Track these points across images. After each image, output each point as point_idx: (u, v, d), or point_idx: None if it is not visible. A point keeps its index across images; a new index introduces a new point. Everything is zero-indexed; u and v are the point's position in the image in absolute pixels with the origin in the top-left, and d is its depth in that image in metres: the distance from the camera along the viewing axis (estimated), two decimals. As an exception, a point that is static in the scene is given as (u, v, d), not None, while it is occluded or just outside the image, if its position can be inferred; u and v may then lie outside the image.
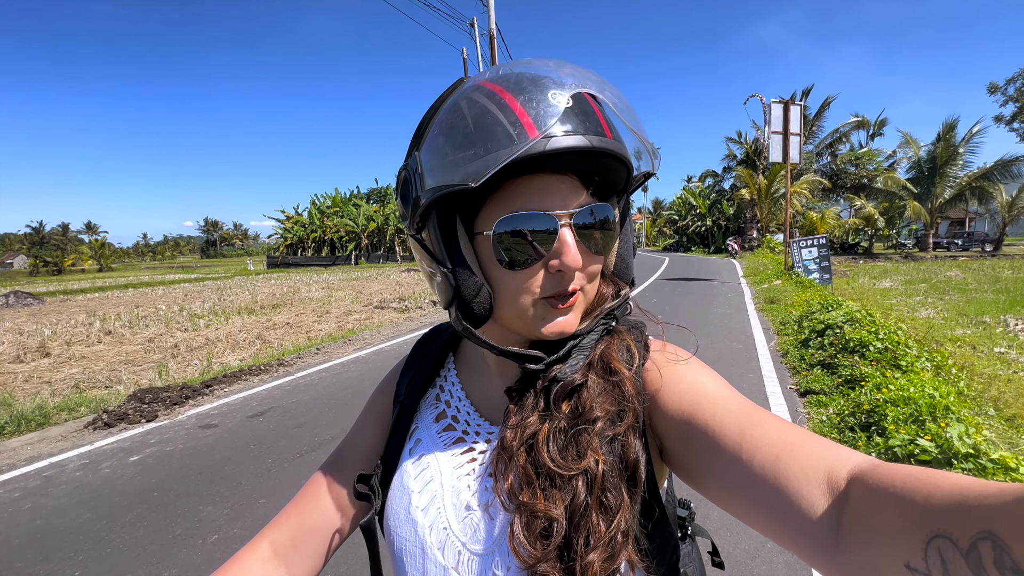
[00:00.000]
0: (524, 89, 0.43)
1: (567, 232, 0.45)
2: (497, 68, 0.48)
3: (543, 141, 0.41)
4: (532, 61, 0.48)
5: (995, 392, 4.06)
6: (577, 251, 0.45)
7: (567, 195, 0.46)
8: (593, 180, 0.48)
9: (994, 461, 2.53)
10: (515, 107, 0.42)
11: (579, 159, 0.45)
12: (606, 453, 0.44)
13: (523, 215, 0.44)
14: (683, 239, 39.04)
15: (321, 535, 0.54)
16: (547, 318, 0.47)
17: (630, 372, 0.48)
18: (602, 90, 0.46)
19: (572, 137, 0.41)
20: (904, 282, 12.27)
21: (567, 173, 0.46)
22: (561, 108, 0.42)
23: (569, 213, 0.45)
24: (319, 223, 42.03)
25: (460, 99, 0.45)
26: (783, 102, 12.09)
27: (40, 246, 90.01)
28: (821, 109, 28.44)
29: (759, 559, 2.15)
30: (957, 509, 0.25)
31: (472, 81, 0.47)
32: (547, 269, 0.46)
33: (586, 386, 0.47)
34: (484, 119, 0.42)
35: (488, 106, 0.43)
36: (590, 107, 0.44)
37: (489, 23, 13.77)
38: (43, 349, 7.77)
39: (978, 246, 26.92)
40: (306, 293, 15.04)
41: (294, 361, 6.35)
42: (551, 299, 0.46)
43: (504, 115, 0.42)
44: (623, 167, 0.47)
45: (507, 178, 0.45)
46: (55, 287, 26.63)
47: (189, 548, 2.44)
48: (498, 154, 0.41)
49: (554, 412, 0.46)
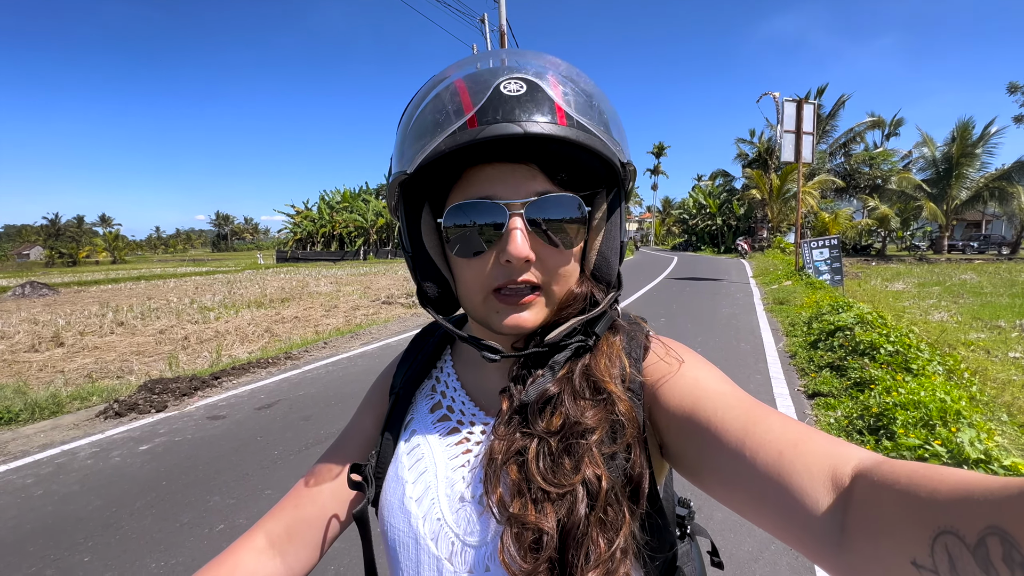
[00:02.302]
0: (479, 79, 0.43)
1: (515, 221, 0.44)
2: (475, 59, 0.48)
3: (476, 130, 0.41)
4: (504, 51, 0.48)
5: (1008, 397, 3.99)
6: (524, 242, 0.43)
7: (522, 183, 0.44)
8: (559, 170, 0.46)
9: (1006, 468, 2.49)
10: (464, 97, 0.42)
11: (541, 147, 0.43)
12: (608, 469, 0.43)
13: (471, 203, 0.44)
14: (692, 238, 38.80)
15: (316, 526, 0.53)
16: (501, 311, 0.46)
17: (622, 386, 0.47)
18: (562, 80, 0.45)
19: (502, 125, 0.40)
20: (917, 284, 12.09)
21: (526, 162, 0.45)
22: (505, 96, 0.41)
23: (521, 202, 0.44)
24: (328, 218, 42.28)
25: (425, 90, 0.47)
26: (796, 100, 11.94)
27: (56, 238, 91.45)
28: (835, 108, 28.04)
29: (762, 561, 2.14)
30: (963, 504, 0.25)
31: (444, 73, 0.48)
32: (498, 259, 0.45)
33: (564, 401, 0.45)
34: (436, 108, 0.44)
35: (443, 96, 0.44)
36: (544, 95, 0.42)
37: (500, 19, 13.73)
38: (57, 339, 7.91)
39: (994, 249, 26.45)
40: (314, 287, 15.15)
41: (302, 355, 6.40)
42: (503, 292, 0.46)
43: (452, 105, 0.43)
44: (597, 158, 0.45)
45: (467, 166, 0.45)
46: (70, 278, 27.06)
47: (196, 536, 2.47)
48: (436, 143, 0.42)
49: (536, 429, 0.45)
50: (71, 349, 7.37)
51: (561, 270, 0.47)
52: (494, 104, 0.41)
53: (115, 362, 6.51)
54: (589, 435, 0.44)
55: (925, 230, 28.44)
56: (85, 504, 2.84)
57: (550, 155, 0.44)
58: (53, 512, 2.77)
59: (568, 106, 0.43)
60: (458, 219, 0.45)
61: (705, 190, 38.55)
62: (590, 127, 0.43)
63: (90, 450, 3.62)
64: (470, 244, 0.45)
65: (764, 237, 28.35)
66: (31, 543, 2.48)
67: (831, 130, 28.60)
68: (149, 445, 3.65)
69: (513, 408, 0.46)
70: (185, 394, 4.76)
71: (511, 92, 0.42)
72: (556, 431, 0.44)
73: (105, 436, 3.87)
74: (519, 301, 0.45)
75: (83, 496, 2.94)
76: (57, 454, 3.58)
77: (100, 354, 7.03)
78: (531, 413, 0.45)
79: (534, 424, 0.45)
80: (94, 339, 8.05)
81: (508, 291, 0.46)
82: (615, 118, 0.48)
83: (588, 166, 0.46)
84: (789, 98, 12.08)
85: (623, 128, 0.49)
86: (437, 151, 0.41)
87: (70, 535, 2.53)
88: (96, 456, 3.51)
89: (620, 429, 0.45)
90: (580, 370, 0.47)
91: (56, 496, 2.95)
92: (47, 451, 3.64)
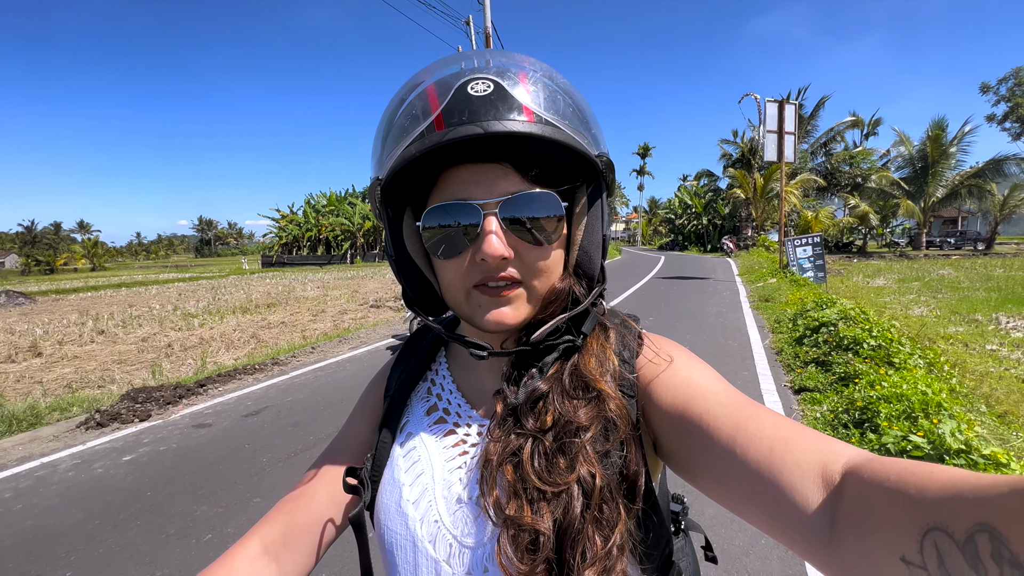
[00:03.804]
0: (446, 83, 0.44)
1: (490, 221, 0.44)
2: (447, 62, 0.48)
3: (441, 133, 0.41)
4: (475, 52, 0.48)
5: (987, 389, 4.10)
6: (499, 240, 0.44)
7: (495, 183, 0.45)
8: (532, 167, 0.45)
9: (985, 457, 2.55)
10: (432, 101, 0.43)
11: (511, 145, 0.44)
12: (604, 467, 0.43)
13: (447, 205, 0.45)
14: (679, 238, 39.17)
15: (312, 531, 0.53)
16: (483, 307, 0.46)
17: (614, 385, 0.47)
18: (531, 78, 0.45)
19: (466, 127, 0.41)
20: (897, 280, 12.36)
21: (499, 161, 0.45)
22: (472, 97, 0.42)
23: (495, 201, 0.44)
24: (314, 222, 41.82)
25: (398, 95, 0.47)
26: (778, 101, 12.14)
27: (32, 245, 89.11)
28: (816, 108, 28.56)
29: (753, 555, 2.16)
30: (952, 502, 0.25)
31: (417, 77, 0.48)
32: (475, 259, 0.45)
33: (554, 400, 0.46)
34: (407, 114, 0.44)
35: (414, 102, 0.45)
36: (510, 94, 0.43)
37: (485, 21, 13.73)
38: (35, 349, 7.70)
39: (970, 244, 27.16)
40: (301, 292, 14.98)
41: (289, 360, 6.32)
42: (484, 287, 0.46)
43: (421, 110, 0.43)
44: (570, 153, 0.44)
45: (443, 168, 0.46)
46: (47, 286, 26.39)
47: (183, 548, 2.42)
48: (406, 148, 0.43)
49: (528, 428, 0.45)
50: (50, 359, 7.18)
51: (540, 265, 0.47)
52: (460, 106, 0.42)
53: (96, 371, 6.36)
54: (582, 433, 0.44)
55: (904, 227, 29.10)
56: (67, 517, 2.77)
57: (521, 153, 0.45)
58: (33, 526, 2.70)
59: (535, 103, 0.43)
60: (435, 221, 0.46)
61: (691, 190, 38.96)
62: (557, 122, 0.43)
63: (71, 462, 3.53)
64: (449, 245, 0.46)
65: (749, 236, 28.74)
66: (10, 559, 2.41)
67: (812, 130, 29.12)
68: (133, 455, 3.57)
69: (507, 409, 0.47)
70: (169, 403, 4.67)
71: (477, 93, 0.42)
72: (548, 429, 0.45)
73: (87, 447, 3.77)
74: (500, 294, 0.46)
75: (64, 509, 2.86)
76: (36, 467, 3.48)
77: (80, 363, 6.86)
78: (522, 413, 0.46)
79: (526, 424, 0.45)
80: (73, 348, 7.85)
81: (491, 288, 0.46)
82: (586, 112, 0.48)
83: (563, 161, 0.46)
84: (771, 99, 12.28)
85: (597, 122, 0.49)
86: (406, 157, 0.42)
87: (51, 549, 2.46)
88: (77, 468, 3.42)
89: (613, 427, 0.45)
90: (569, 369, 0.48)
91: (36, 510, 2.87)
92: (26, 464, 3.54)
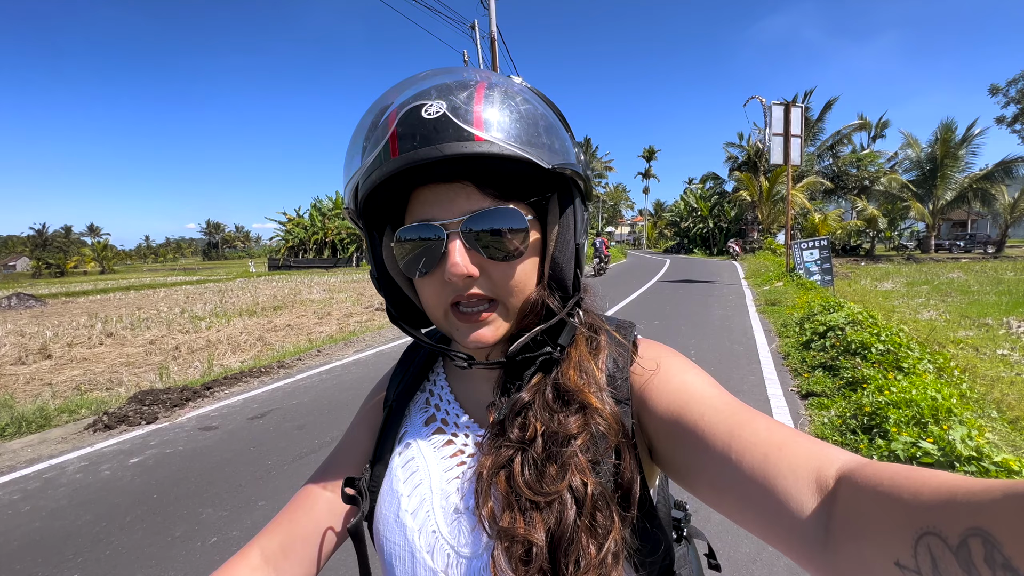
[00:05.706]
0: (403, 107, 0.44)
1: (452, 241, 0.45)
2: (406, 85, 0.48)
3: (395, 160, 0.42)
4: (435, 72, 0.48)
5: (998, 394, 4.03)
6: (461, 259, 0.44)
7: (454, 202, 0.45)
8: (491, 184, 0.46)
9: (997, 464, 2.51)
10: (391, 126, 0.44)
11: (468, 165, 0.44)
12: (596, 475, 0.43)
13: (412, 227, 0.47)
14: (684, 241, 39.06)
15: (312, 541, 0.53)
16: (461, 328, 0.47)
17: (605, 392, 0.47)
18: (486, 96, 0.44)
19: (419, 151, 0.42)
20: (906, 284, 12.24)
21: (459, 180, 0.45)
22: (424, 120, 0.42)
23: (456, 220, 0.45)
24: (320, 225, 42.09)
25: (362, 121, 0.48)
26: (784, 104, 12.10)
27: (43, 248, 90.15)
28: (823, 111, 28.46)
29: (759, 563, 2.14)
30: (946, 506, 0.25)
31: (382, 100, 0.48)
32: (443, 278, 0.46)
33: (536, 411, 0.46)
34: (368, 140, 0.46)
35: (372, 129, 0.46)
36: (460, 114, 0.42)
37: (490, 26, 13.79)
38: (45, 351, 7.78)
39: (980, 248, 26.84)
40: (307, 295, 15.05)
41: (295, 363, 6.35)
42: (460, 309, 0.47)
43: (379, 136, 0.44)
44: (529, 166, 0.44)
45: (413, 188, 0.47)
46: (57, 289, 26.67)
47: (188, 550, 2.43)
48: (367, 177, 0.44)
49: (514, 440, 0.46)
50: (59, 361, 7.25)
51: (511, 283, 0.47)
52: (413, 130, 0.42)
53: (104, 374, 6.41)
54: (572, 442, 0.44)
55: (912, 230, 28.83)
56: (74, 519, 2.79)
57: (480, 170, 0.45)
58: (41, 528, 2.72)
59: (486, 121, 0.43)
60: (404, 242, 0.47)
61: (696, 193, 38.88)
62: (502, 139, 0.42)
63: (79, 464, 3.56)
64: (420, 265, 0.47)
65: (755, 239, 28.60)
66: (18, 560, 2.43)
67: (819, 132, 29.00)
68: (140, 457, 3.60)
69: (495, 422, 0.47)
70: (176, 405, 4.70)
71: (430, 115, 0.42)
72: (534, 439, 0.45)
73: (94, 449, 3.80)
74: (477, 319, 0.46)
75: (72, 511, 2.88)
76: (45, 468, 3.52)
77: (89, 366, 6.93)
78: (507, 426, 0.46)
79: (512, 436, 0.46)
80: (82, 350, 7.93)
81: (464, 308, 0.47)
82: (542, 124, 0.46)
83: (526, 174, 0.46)
84: (777, 101, 12.24)
85: (561, 132, 0.48)
86: (368, 186, 0.44)
87: (59, 551, 2.48)
88: (85, 470, 3.45)
89: (601, 437, 0.45)
90: (551, 382, 0.48)
91: (44, 511, 2.90)
92: (34, 466, 3.57)
